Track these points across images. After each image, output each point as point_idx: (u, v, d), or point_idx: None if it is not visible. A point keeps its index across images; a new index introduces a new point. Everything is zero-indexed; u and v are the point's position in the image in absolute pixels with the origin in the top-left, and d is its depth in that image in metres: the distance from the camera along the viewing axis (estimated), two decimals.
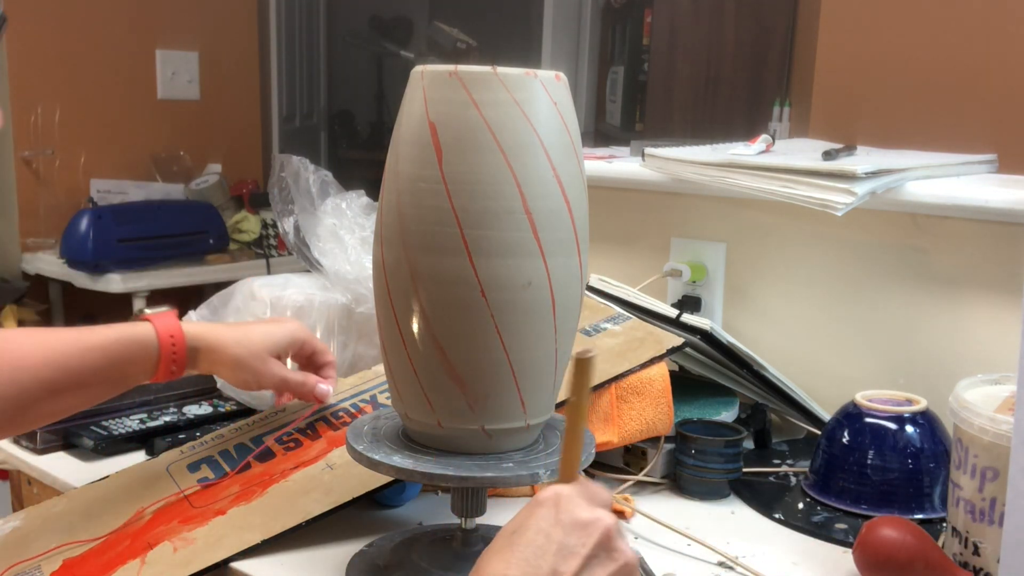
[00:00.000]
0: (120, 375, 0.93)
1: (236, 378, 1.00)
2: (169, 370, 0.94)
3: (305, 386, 1.02)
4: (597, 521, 0.62)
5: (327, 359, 1.06)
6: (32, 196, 2.99)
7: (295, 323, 1.05)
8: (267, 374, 0.99)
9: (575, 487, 0.64)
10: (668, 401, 1.07)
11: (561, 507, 0.62)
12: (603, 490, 0.66)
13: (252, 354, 0.98)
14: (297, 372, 1.03)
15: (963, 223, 1.15)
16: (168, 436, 1.12)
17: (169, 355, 0.94)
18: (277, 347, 1.01)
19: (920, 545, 0.83)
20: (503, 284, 0.75)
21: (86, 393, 0.92)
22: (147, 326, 0.94)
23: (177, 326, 0.95)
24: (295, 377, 1.02)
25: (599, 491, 0.65)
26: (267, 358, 0.99)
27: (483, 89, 0.74)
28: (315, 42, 3.91)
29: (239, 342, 0.98)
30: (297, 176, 1.28)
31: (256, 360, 0.98)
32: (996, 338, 1.13)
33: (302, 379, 1.02)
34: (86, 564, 0.89)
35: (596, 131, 3.34)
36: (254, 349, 0.98)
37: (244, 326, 1.02)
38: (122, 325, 0.94)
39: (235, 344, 0.98)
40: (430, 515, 0.98)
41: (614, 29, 3.36)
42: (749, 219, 1.31)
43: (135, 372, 0.94)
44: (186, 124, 3.32)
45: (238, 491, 0.96)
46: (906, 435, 1.02)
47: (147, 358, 0.93)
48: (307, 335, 1.04)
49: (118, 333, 0.92)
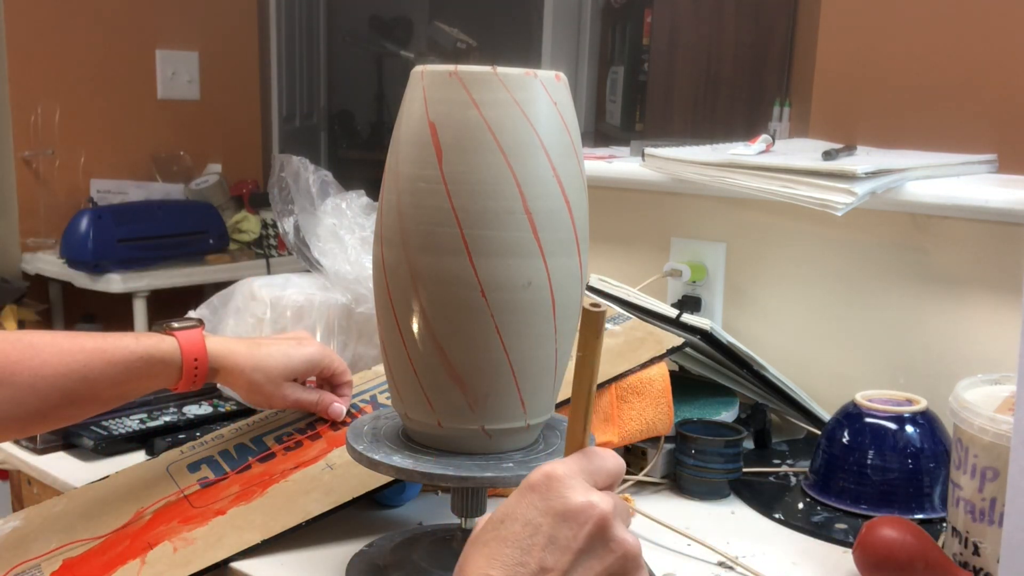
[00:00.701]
0: (140, 389, 0.94)
1: (249, 398, 1.01)
2: (187, 386, 0.96)
3: (319, 406, 1.03)
4: (589, 508, 0.55)
5: (346, 379, 1.05)
6: (32, 196, 2.99)
7: (317, 345, 1.03)
8: (280, 397, 1.00)
9: (574, 462, 0.58)
10: (668, 401, 1.07)
11: (552, 492, 0.56)
12: (610, 459, 0.59)
13: (268, 379, 0.99)
14: (312, 391, 1.03)
15: (963, 223, 1.15)
16: (168, 436, 1.12)
17: (191, 374, 0.95)
18: (295, 372, 1.01)
19: (920, 545, 0.83)
20: (503, 284, 0.75)
21: (104, 403, 0.93)
22: (173, 344, 0.94)
23: (202, 345, 0.95)
24: (309, 397, 1.02)
25: (604, 463, 0.58)
26: (282, 383, 1.00)
27: (483, 89, 0.74)
28: (315, 42, 3.91)
29: (257, 367, 0.98)
30: (297, 176, 1.28)
31: (271, 385, 0.99)
32: (996, 338, 1.13)
33: (316, 399, 1.02)
34: (86, 564, 0.89)
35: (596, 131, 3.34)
36: (271, 375, 0.99)
37: (266, 345, 1.00)
38: (147, 339, 0.93)
39: (253, 370, 0.98)
40: (430, 515, 0.98)
41: (614, 29, 3.36)
42: (749, 219, 1.31)
43: (154, 385, 0.95)
44: (186, 124, 3.32)
45: (238, 491, 0.96)
46: (906, 435, 1.02)
47: (168, 375, 0.94)
48: (328, 357, 1.03)
49: (143, 349, 0.92)
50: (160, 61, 3.24)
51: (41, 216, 2.99)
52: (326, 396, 1.03)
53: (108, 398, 0.92)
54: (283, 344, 1.02)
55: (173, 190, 3.15)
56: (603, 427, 1.05)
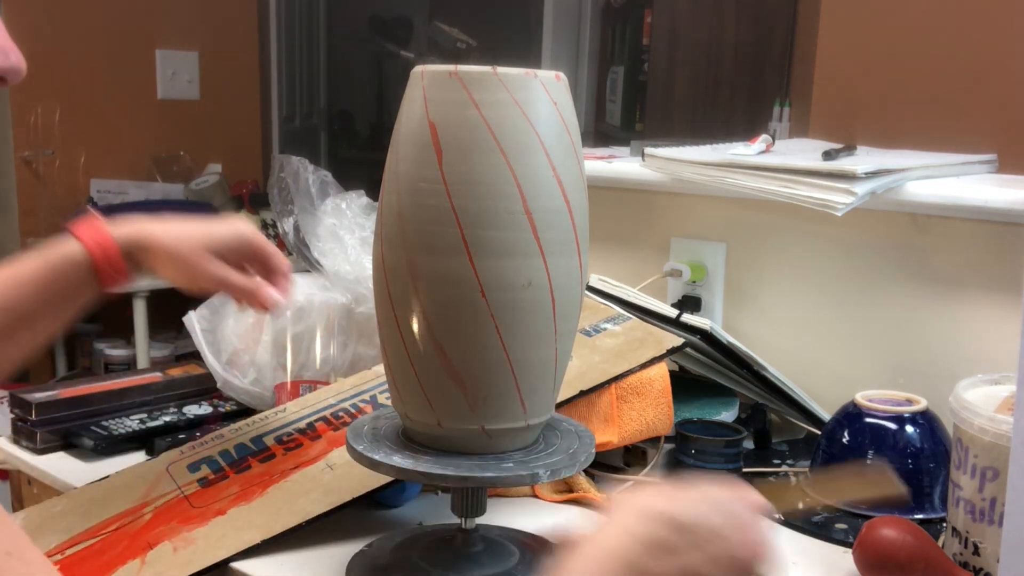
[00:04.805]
0: (63, 299, 0.89)
1: (173, 275, 0.92)
2: (112, 279, 0.90)
3: (250, 291, 0.94)
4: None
5: (281, 266, 0.97)
6: (32, 196, 2.99)
7: (243, 222, 0.96)
8: (205, 272, 0.91)
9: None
10: (668, 401, 1.07)
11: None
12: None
13: (189, 249, 0.91)
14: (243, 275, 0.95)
15: (963, 223, 1.15)
16: (168, 436, 1.12)
17: (105, 265, 0.88)
18: (217, 243, 0.92)
19: (920, 545, 0.83)
20: (503, 284, 0.75)
21: (37, 325, 0.89)
22: (73, 242, 0.88)
23: (105, 233, 0.89)
24: (238, 280, 0.93)
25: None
26: (205, 254, 0.91)
27: (483, 89, 0.74)
28: (315, 42, 3.91)
29: (174, 236, 0.91)
30: (297, 176, 1.28)
31: (193, 255, 0.91)
32: (996, 338, 1.13)
33: (246, 283, 0.94)
34: (86, 564, 0.89)
35: (596, 131, 3.34)
36: (190, 244, 0.91)
37: (184, 222, 0.94)
38: (50, 247, 0.88)
39: (168, 238, 0.91)
40: (430, 515, 0.98)
41: (614, 29, 3.36)
42: (749, 219, 1.31)
43: (77, 292, 0.90)
44: (186, 124, 3.32)
45: (238, 491, 0.96)
46: (906, 435, 1.02)
47: (83, 274, 0.88)
48: (255, 235, 0.95)
49: (46, 257, 0.88)
50: (160, 61, 3.24)
51: (41, 216, 2.99)
52: (260, 282, 0.95)
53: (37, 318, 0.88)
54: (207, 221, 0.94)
55: (173, 190, 3.14)
56: (603, 427, 1.05)
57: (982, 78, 1.79)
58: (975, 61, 1.80)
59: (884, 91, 1.89)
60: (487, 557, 0.85)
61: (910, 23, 1.87)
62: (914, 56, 1.86)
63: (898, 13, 1.89)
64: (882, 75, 1.90)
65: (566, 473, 0.80)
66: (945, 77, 1.83)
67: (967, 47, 1.81)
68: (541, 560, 0.86)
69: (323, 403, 1.09)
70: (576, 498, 1.03)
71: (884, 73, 1.90)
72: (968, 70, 1.81)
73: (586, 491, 1.02)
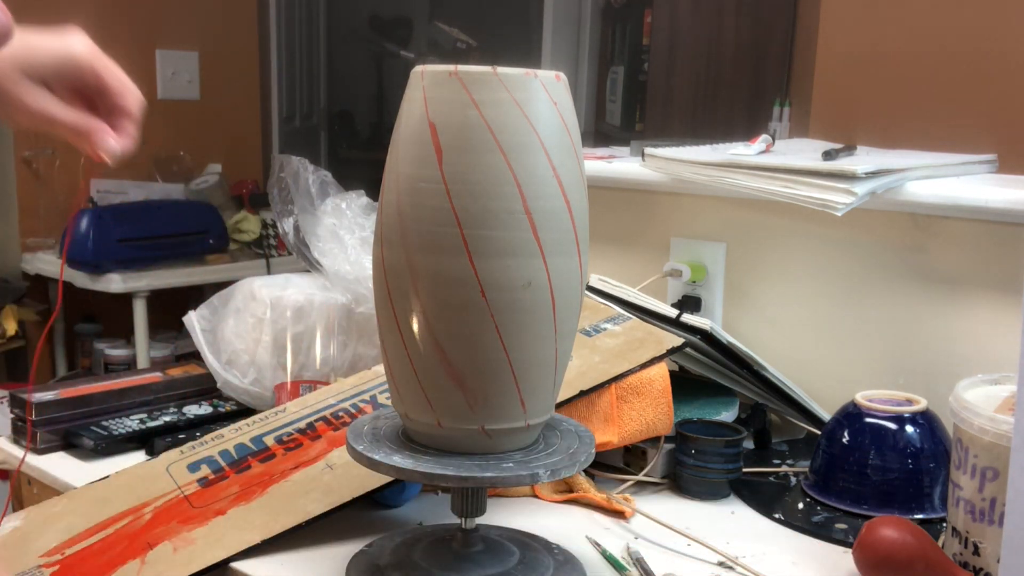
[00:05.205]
0: None
1: None
2: None
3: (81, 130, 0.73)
4: None
5: (123, 103, 0.76)
6: (32, 196, 2.99)
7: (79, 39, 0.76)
8: (19, 103, 0.72)
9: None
10: (668, 401, 1.07)
11: None
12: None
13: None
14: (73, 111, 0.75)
15: (963, 223, 1.15)
16: (168, 436, 1.12)
17: None
18: (38, 66, 0.73)
19: (920, 545, 0.83)
20: (503, 284, 0.75)
21: None
22: None
23: None
24: (67, 115, 0.73)
25: None
26: (22, 80, 0.72)
27: (483, 89, 0.74)
28: (315, 42, 3.91)
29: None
30: (297, 176, 1.28)
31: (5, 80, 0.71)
32: (996, 338, 1.13)
33: (77, 120, 0.73)
34: (86, 564, 0.89)
35: (596, 131, 3.34)
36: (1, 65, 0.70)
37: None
38: None
39: None
40: (430, 515, 0.98)
41: (614, 29, 3.36)
42: (749, 219, 1.31)
43: None
44: (186, 124, 3.31)
45: (238, 491, 0.96)
46: (906, 435, 1.02)
47: None
48: (93, 58, 0.75)
49: None
50: (160, 61, 3.24)
51: (41, 216, 2.99)
52: (94, 122, 0.74)
53: None
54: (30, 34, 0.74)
55: (173, 190, 3.14)
56: (603, 427, 1.05)
57: (982, 78, 1.79)
58: (975, 61, 1.80)
59: (884, 91, 1.89)
60: (487, 557, 0.85)
61: (910, 23, 1.87)
62: (914, 56, 1.86)
63: (898, 13, 1.89)
64: (882, 75, 1.90)
65: (566, 473, 0.80)
66: (945, 77, 1.83)
67: (967, 47, 1.81)
68: (541, 560, 0.86)
69: (323, 403, 1.09)
70: (576, 498, 1.03)
71: (884, 73, 1.90)
72: (968, 70, 1.81)
73: (586, 491, 1.02)
